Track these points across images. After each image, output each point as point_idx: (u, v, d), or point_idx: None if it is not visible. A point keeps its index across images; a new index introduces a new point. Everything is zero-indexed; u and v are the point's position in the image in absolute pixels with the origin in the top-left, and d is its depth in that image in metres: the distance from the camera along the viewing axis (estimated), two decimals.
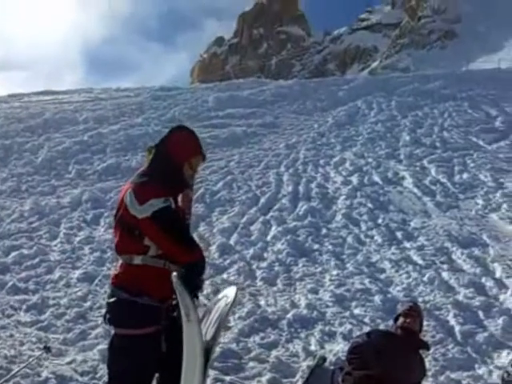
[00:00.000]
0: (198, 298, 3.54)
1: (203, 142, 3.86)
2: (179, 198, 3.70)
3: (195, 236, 3.94)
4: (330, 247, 8.95)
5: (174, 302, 3.51)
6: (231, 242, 9.14)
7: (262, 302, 6.92)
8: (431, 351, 5.62)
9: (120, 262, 3.57)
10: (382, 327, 6.17)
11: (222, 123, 18.21)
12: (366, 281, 7.66)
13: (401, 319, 4.78)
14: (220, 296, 3.74)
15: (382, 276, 7.92)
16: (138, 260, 3.45)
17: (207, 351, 3.26)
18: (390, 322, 5.22)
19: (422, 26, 76.48)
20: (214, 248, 8.80)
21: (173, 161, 3.56)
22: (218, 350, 5.57)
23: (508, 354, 5.81)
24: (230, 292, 3.70)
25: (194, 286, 3.37)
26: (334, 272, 7.95)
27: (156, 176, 3.49)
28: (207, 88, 24.45)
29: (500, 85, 26.82)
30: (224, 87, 24.29)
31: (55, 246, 8.90)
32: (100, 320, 6.17)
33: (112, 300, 3.51)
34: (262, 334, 6.15)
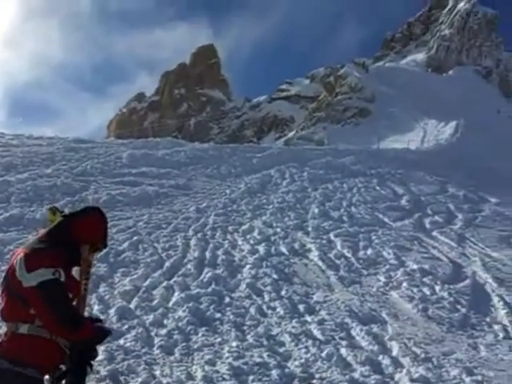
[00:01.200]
0: (91, 366, 3.42)
1: (113, 199, 3.80)
2: (74, 271, 3.59)
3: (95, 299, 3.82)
4: (231, 317, 8.84)
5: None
6: (131, 305, 8.88)
7: (158, 372, 6.70)
8: None
9: (5, 329, 3.40)
10: None
11: (134, 181, 18.00)
12: (265, 354, 7.58)
13: None
14: None
15: (281, 349, 7.87)
16: (23, 329, 3.30)
17: None
18: None
19: (339, 101, 79.33)
20: (112, 311, 8.53)
21: (74, 238, 3.47)
22: None
23: None
24: None
25: (81, 367, 3.27)
26: (234, 343, 7.84)
27: (52, 246, 3.37)
28: (123, 144, 24.24)
29: (408, 164, 28.03)
30: (139, 144, 24.16)
31: None
32: None
33: None
34: None
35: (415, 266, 12.87)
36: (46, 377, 3.36)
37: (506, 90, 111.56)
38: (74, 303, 3.47)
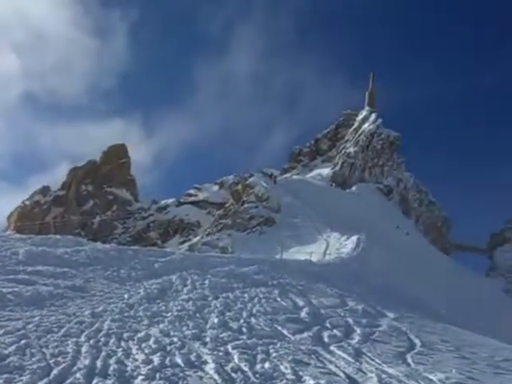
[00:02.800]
0: None
1: (4, 298, 3.57)
2: None
3: None
4: None
5: None
6: None
7: None
8: None
9: None
10: None
11: (28, 280, 17.27)
12: None
13: None
14: None
15: None
16: None
17: None
18: None
19: (245, 210, 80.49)
20: None
21: None
22: None
23: None
24: None
25: None
26: None
27: None
28: (20, 239, 23.40)
29: (309, 276, 28.39)
30: (38, 241, 23.39)
31: None
32: None
33: None
34: None
35: (312, 382, 12.72)
36: None
37: (405, 207, 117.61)
38: None
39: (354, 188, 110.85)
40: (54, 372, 10.65)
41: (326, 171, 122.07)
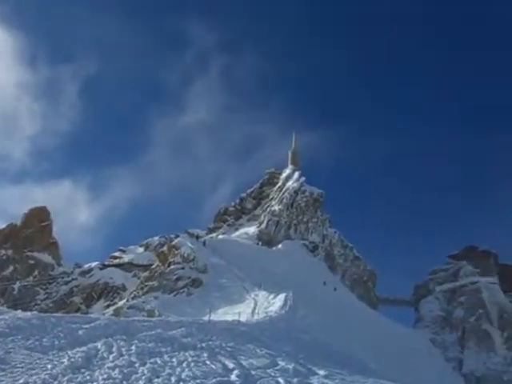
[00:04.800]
0: None
1: None
2: None
3: None
4: None
5: None
6: None
7: None
8: None
9: None
10: None
11: None
12: None
13: None
14: None
15: None
16: None
17: None
18: None
19: (172, 271, 79.67)
20: None
21: None
22: None
23: None
24: None
25: None
26: None
27: None
28: None
29: (239, 337, 28.16)
30: None
31: None
32: None
33: None
34: None
35: None
36: None
37: (330, 263, 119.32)
38: None
39: (280, 246, 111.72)
40: None
41: (251, 230, 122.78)
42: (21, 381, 15.39)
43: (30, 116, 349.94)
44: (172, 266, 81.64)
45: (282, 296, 61.21)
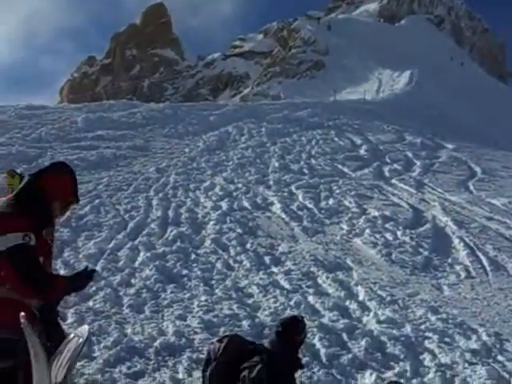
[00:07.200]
0: (58, 320, 3.41)
1: (71, 164, 3.70)
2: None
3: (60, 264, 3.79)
4: (198, 273, 8.88)
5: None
6: (98, 268, 8.80)
7: (129, 330, 6.68)
8: (297, 375, 5.66)
9: None
10: None
11: (91, 145, 17.78)
12: (235, 306, 7.65)
13: (287, 335, 4.47)
14: (71, 336, 3.57)
15: (250, 301, 7.94)
16: None
17: None
18: None
19: (293, 55, 78.90)
20: None
21: (44, 197, 3.37)
22: (82, 382, 5.35)
23: (371, 374, 5.98)
24: (81, 332, 3.55)
25: (50, 321, 3.25)
26: (203, 298, 7.88)
27: (21, 208, 3.28)
28: (76, 108, 23.78)
29: (364, 115, 28.19)
30: (94, 108, 23.75)
31: None
32: None
33: None
34: (128, 364, 5.89)
35: (377, 213, 13.07)
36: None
37: (457, 37, 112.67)
38: (44, 265, 3.41)
39: (403, 21, 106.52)
40: (130, 225, 11.20)
41: (372, 7, 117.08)
42: (163, 164, 16.56)
43: None
44: (293, 51, 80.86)
45: (407, 73, 59.69)
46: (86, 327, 3.47)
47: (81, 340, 3.27)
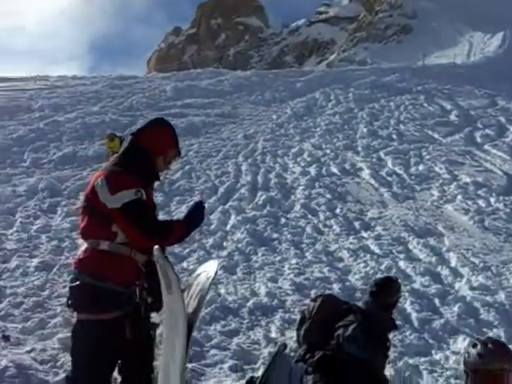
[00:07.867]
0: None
1: None
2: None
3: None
4: (288, 236, 9.00)
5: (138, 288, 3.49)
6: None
7: (223, 291, 6.89)
8: (391, 335, 5.69)
9: (84, 246, 3.52)
10: None
11: (180, 113, 18.15)
12: (325, 269, 7.72)
13: (381, 295, 4.36)
14: (200, 271, 3.70)
15: (341, 265, 7.99)
16: (104, 245, 3.40)
17: (189, 325, 3.19)
18: None
19: (379, 20, 77.16)
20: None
21: (148, 153, 3.51)
22: None
23: (463, 339, 5.93)
24: (210, 266, 3.67)
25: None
26: (294, 261, 8.00)
27: (129, 166, 3.43)
28: (165, 77, 24.31)
29: (454, 79, 27.33)
30: (182, 77, 24.19)
31: (11, 234, 8.64)
32: (59, 309, 6.04)
33: (75, 284, 3.42)
34: (222, 322, 6.09)
35: (468, 180, 12.77)
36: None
37: None
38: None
39: None
40: (221, 190, 11.45)
41: None
42: (251, 130, 16.73)
43: None
44: (379, 15, 79.03)
45: (499, 35, 57.19)
46: (214, 262, 3.59)
47: (210, 274, 3.39)
